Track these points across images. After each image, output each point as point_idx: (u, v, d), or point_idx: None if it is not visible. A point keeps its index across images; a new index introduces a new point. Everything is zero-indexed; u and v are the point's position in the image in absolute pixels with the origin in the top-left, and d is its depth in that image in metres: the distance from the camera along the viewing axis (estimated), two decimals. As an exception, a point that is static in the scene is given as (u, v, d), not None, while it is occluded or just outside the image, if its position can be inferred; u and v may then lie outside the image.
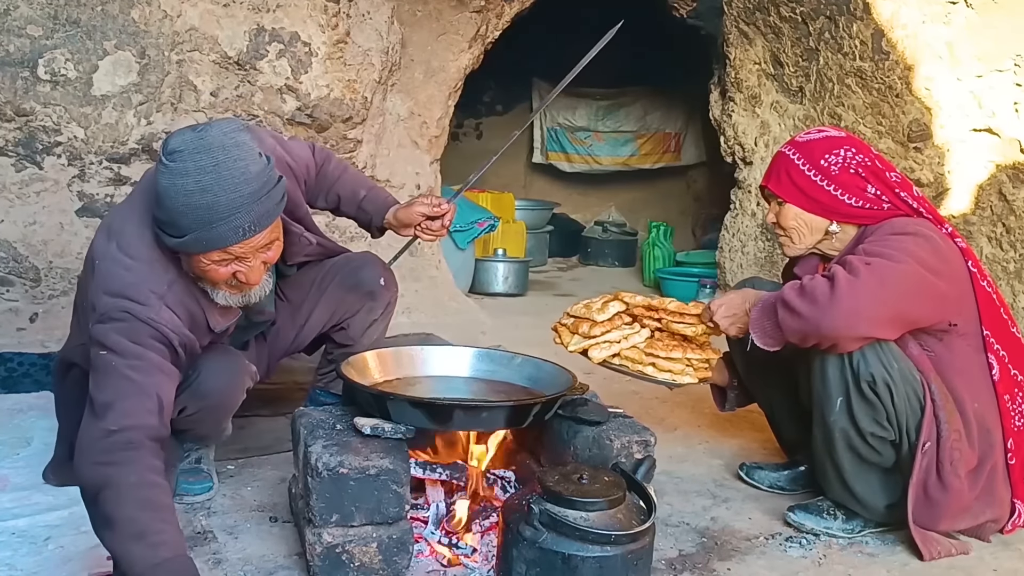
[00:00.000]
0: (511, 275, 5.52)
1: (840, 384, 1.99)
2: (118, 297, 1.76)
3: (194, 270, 1.82)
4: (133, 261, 1.80)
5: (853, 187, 2.12)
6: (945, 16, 3.67)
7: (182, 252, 1.78)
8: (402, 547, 1.73)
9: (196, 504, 2.11)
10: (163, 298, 1.80)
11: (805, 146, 2.19)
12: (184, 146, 1.69)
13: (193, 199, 1.66)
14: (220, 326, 1.96)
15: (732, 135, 4.93)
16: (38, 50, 3.12)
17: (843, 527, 2.12)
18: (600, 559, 1.58)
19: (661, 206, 8.22)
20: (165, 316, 1.79)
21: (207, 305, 1.91)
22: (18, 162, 3.19)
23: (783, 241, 2.28)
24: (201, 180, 1.66)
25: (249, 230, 1.73)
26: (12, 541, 1.82)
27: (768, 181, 2.25)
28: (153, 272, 1.81)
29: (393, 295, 2.48)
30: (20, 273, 3.20)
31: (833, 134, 2.22)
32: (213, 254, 1.74)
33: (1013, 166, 3.53)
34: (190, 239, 1.71)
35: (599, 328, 2.19)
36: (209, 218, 1.68)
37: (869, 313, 1.89)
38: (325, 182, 2.36)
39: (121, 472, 1.58)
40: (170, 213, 1.70)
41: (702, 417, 3.03)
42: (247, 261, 1.79)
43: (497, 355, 2.25)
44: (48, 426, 2.44)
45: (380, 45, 4.00)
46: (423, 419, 1.82)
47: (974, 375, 2.05)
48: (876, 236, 2.05)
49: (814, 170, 2.15)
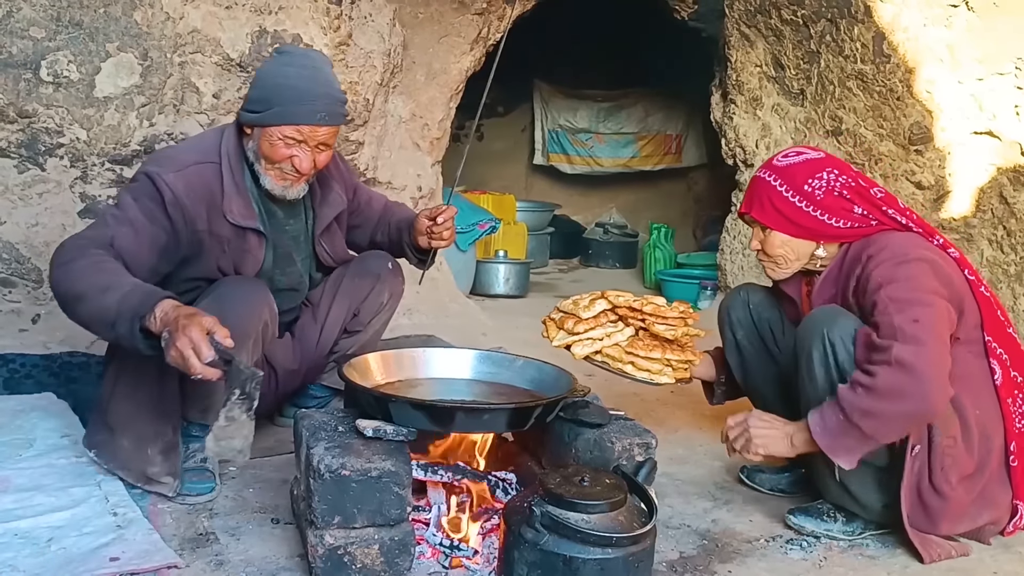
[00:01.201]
0: (512, 277, 5.53)
1: (827, 384, 2.00)
2: (151, 162, 2.16)
3: (261, 147, 2.16)
4: (182, 144, 2.31)
5: (839, 209, 2.09)
6: (946, 19, 3.68)
7: (261, 125, 2.13)
8: (404, 549, 1.73)
9: (198, 506, 2.11)
10: (182, 168, 2.12)
11: (785, 171, 2.15)
12: (293, 49, 2.26)
13: (289, 81, 2.10)
14: (234, 217, 2.18)
15: (733, 137, 4.94)
16: (41, 52, 3.13)
17: (843, 529, 2.12)
18: (601, 561, 1.58)
19: (662, 208, 8.23)
20: (171, 179, 2.08)
21: (228, 192, 2.17)
22: (20, 164, 3.20)
23: (768, 266, 2.25)
24: (300, 72, 2.12)
25: (321, 120, 2.13)
26: (14, 542, 1.82)
27: (751, 209, 2.21)
28: (191, 152, 2.20)
29: (399, 285, 2.60)
30: (22, 274, 3.21)
31: (812, 156, 2.18)
32: (286, 129, 2.11)
33: (1014, 169, 3.54)
34: (276, 111, 2.10)
35: (583, 325, 2.26)
36: (296, 97, 2.10)
37: (945, 373, 1.87)
38: (385, 218, 2.65)
39: (76, 262, 1.88)
40: (265, 90, 2.12)
41: (703, 419, 3.03)
42: (305, 148, 2.15)
43: (499, 357, 2.25)
44: (50, 427, 2.45)
45: (382, 47, 4.00)
46: (425, 421, 1.83)
47: (976, 381, 2.03)
48: (883, 269, 1.99)
49: (798, 196, 2.11)
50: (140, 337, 1.77)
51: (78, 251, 1.91)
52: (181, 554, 1.84)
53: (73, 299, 1.86)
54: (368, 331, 2.58)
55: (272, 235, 2.31)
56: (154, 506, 2.08)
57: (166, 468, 2.09)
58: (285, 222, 2.37)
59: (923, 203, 3.87)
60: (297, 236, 2.42)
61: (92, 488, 2.08)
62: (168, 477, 2.09)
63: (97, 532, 1.87)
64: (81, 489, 2.07)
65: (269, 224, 2.30)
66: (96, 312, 1.81)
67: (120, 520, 1.93)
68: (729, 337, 2.46)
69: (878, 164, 4.02)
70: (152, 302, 1.76)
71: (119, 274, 1.88)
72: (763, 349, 2.43)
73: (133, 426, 2.11)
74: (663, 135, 8.43)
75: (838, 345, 1.98)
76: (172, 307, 1.76)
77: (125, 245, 1.98)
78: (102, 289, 1.82)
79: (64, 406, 2.64)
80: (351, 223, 2.65)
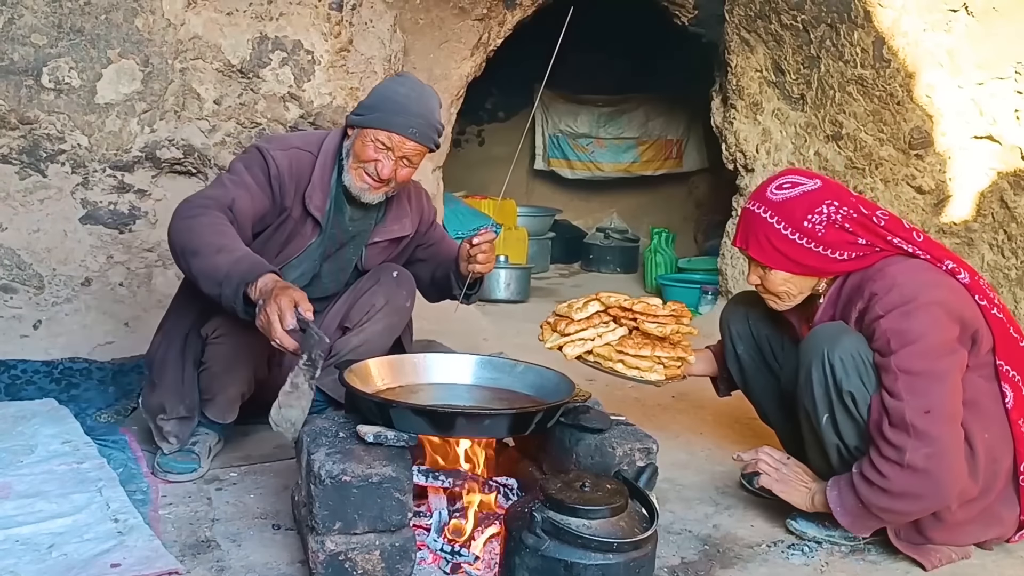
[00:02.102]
0: (513, 282, 5.53)
1: (825, 400, 1.99)
2: (260, 140, 2.46)
3: (354, 145, 2.38)
4: (294, 134, 2.62)
5: (842, 243, 2.01)
6: (946, 24, 3.69)
7: (360, 127, 2.37)
8: (405, 555, 1.73)
9: (199, 513, 2.11)
10: (288, 149, 2.41)
11: (782, 207, 2.04)
12: (410, 76, 2.51)
13: (396, 96, 2.36)
14: (311, 204, 2.41)
15: (734, 142, 4.94)
16: (42, 58, 3.14)
17: (845, 535, 2.10)
18: (602, 567, 1.58)
19: (663, 212, 8.23)
20: (278, 156, 2.37)
21: (315, 182, 2.41)
22: (22, 170, 3.20)
23: (770, 300, 2.18)
24: (408, 92, 2.38)
25: (412, 135, 2.34)
26: (15, 548, 1.82)
27: (747, 247, 2.11)
28: (297, 139, 2.49)
29: (400, 297, 2.59)
30: (24, 280, 3.21)
31: (809, 187, 2.05)
32: (379, 134, 2.33)
33: (1014, 173, 3.53)
34: (377, 116, 2.34)
35: (575, 326, 2.29)
36: (396, 109, 2.33)
37: (960, 466, 1.87)
38: (449, 256, 2.69)
39: (197, 220, 2.12)
40: (376, 99, 2.38)
41: (704, 424, 3.03)
42: (391, 156, 2.35)
43: (499, 363, 2.25)
44: (51, 433, 2.45)
45: (383, 53, 4.01)
46: (426, 427, 1.83)
47: (985, 405, 1.98)
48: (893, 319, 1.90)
49: (798, 233, 2.02)
50: (241, 302, 1.98)
51: (201, 209, 2.15)
52: (182, 560, 1.83)
53: (189, 252, 2.07)
54: (360, 334, 2.55)
55: (332, 229, 2.49)
56: (155, 512, 2.08)
57: (175, 430, 2.35)
58: (351, 222, 2.53)
59: (923, 207, 3.87)
60: (356, 236, 2.57)
61: (93, 494, 2.08)
62: (174, 438, 2.34)
63: (98, 538, 1.87)
64: (82, 495, 2.07)
65: (334, 217, 2.49)
66: (207, 269, 2.03)
67: (121, 526, 1.93)
68: (729, 348, 2.46)
69: (878, 169, 4.02)
70: (258, 272, 1.97)
71: (233, 239, 2.11)
72: (763, 363, 2.42)
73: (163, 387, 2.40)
74: (664, 140, 8.43)
75: (837, 367, 1.94)
76: (272, 280, 1.96)
77: (242, 207, 2.25)
78: (217, 249, 2.04)
79: (65, 412, 2.65)
80: (418, 256, 2.77)
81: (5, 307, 3.19)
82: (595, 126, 8.46)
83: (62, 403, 2.74)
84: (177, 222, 2.14)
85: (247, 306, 1.98)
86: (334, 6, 3.72)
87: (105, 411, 2.75)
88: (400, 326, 2.64)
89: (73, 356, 3.11)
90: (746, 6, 4.68)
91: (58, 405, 2.72)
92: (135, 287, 3.39)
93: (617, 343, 2.28)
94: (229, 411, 2.42)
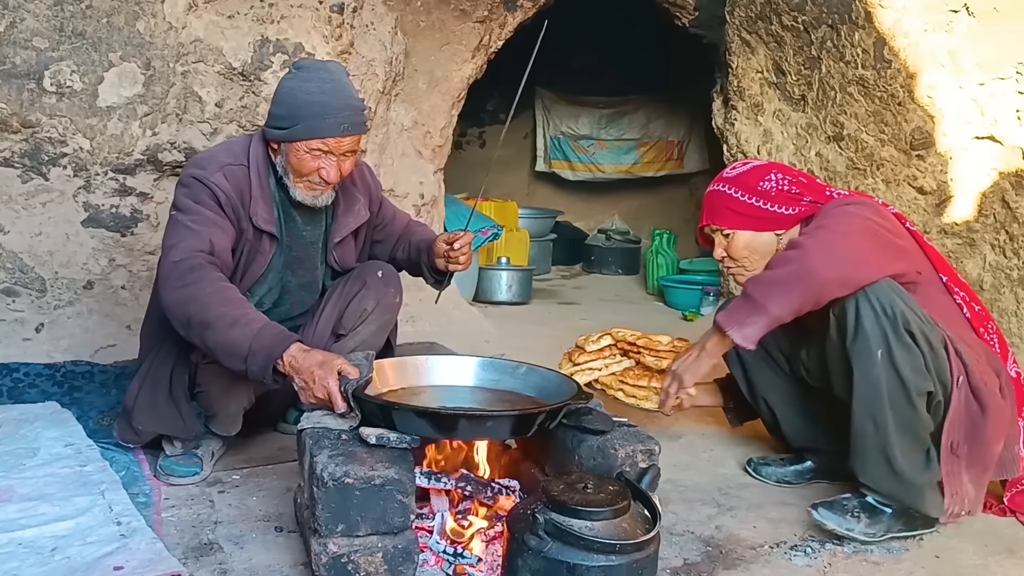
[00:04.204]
0: (515, 283, 5.53)
1: (879, 335, 2.01)
2: (191, 166, 2.29)
3: (289, 161, 2.27)
4: (212, 148, 2.44)
5: (791, 200, 2.26)
6: (947, 24, 3.68)
7: (288, 141, 2.24)
8: (407, 557, 1.73)
9: (201, 516, 2.11)
10: (222, 168, 2.27)
11: (737, 179, 2.31)
12: (312, 64, 2.31)
13: (312, 96, 2.21)
14: (258, 220, 2.31)
15: (735, 143, 4.94)
16: (44, 62, 3.14)
17: (865, 531, 2.09)
18: (605, 568, 1.58)
19: (664, 214, 8.23)
20: (219, 180, 2.24)
21: (255, 196, 2.31)
22: (24, 173, 3.21)
23: (736, 272, 2.36)
24: (321, 86, 2.22)
25: (346, 130, 2.23)
26: (18, 552, 1.82)
27: (712, 219, 2.35)
28: (223, 154, 2.34)
29: (390, 296, 2.58)
30: (26, 284, 3.22)
31: (758, 163, 2.39)
32: (314, 143, 2.22)
33: (1016, 173, 3.53)
34: (303, 127, 2.21)
35: (585, 356, 2.63)
36: (322, 112, 2.20)
37: (838, 250, 2.02)
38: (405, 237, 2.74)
39: (198, 287, 2.04)
40: (290, 107, 2.22)
41: (706, 426, 3.03)
42: (332, 158, 2.25)
43: (501, 364, 2.25)
44: (54, 436, 2.46)
45: (384, 56, 4.02)
46: (428, 429, 1.83)
47: (953, 316, 2.18)
48: (816, 218, 2.19)
49: (753, 196, 2.28)
50: (270, 375, 1.97)
51: (194, 273, 2.07)
52: (185, 563, 1.84)
53: (199, 325, 2.01)
54: (354, 338, 2.55)
55: (288, 239, 2.43)
56: (158, 515, 2.08)
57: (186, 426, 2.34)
58: (303, 228, 2.46)
59: (925, 208, 3.87)
60: (315, 241, 2.51)
61: (96, 497, 2.08)
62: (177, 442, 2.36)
63: (101, 541, 1.87)
64: (85, 498, 2.08)
65: (286, 228, 2.42)
66: (225, 344, 1.99)
67: (124, 529, 1.93)
68: (732, 353, 2.47)
69: (880, 169, 4.02)
70: (283, 347, 1.95)
71: (242, 305, 2.06)
72: (766, 357, 2.46)
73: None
74: (665, 141, 8.44)
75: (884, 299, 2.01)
76: (300, 352, 1.95)
77: (222, 246, 2.20)
78: (231, 323, 1.99)
79: (68, 415, 2.65)
80: (374, 237, 2.73)
81: (7, 310, 3.19)
82: (596, 128, 8.46)
83: (64, 406, 2.74)
84: (174, 292, 2.06)
85: (275, 375, 1.98)
86: (335, 9, 3.72)
87: (107, 414, 2.75)
88: (392, 321, 2.66)
89: (75, 359, 3.11)
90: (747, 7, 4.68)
91: (60, 408, 2.72)
92: (137, 290, 3.39)
93: (620, 374, 2.58)
94: (233, 425, 2.41)
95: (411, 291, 3.94)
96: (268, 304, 2.46)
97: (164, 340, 2.30)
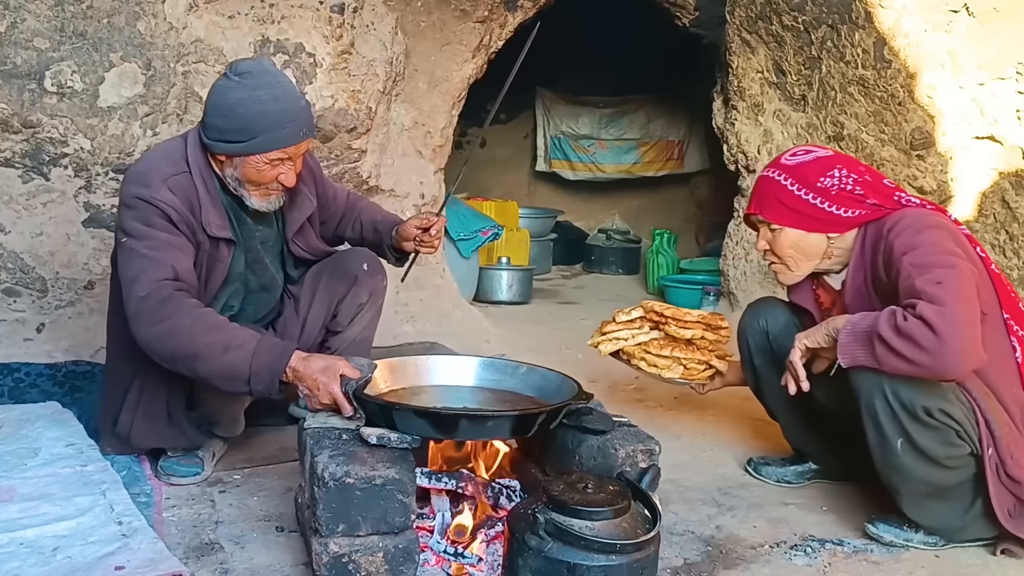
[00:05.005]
0: (515, 283, 5.53)
1: (895, 426, 1.97)
2: (131, 184, 2.14)
3: (244, 173, 2.17)
4: (148, 158, 2.26)
5: (852, 202, 2.10)
6: (947, 24, 3.69)
7: (243, 155, 2.14)
8: (408, 556, 1.73)
9: (202, 516, 2.11)
10: (166, 181, 2.13)
11: (796, 169, 2.15)
12: (252, 68, 2.15)
13: (267, 107, 2.10)
14: (212, 229, 2.21)
15: (735, 143, 4.95)
16: (45, 62, 3.14)
17: (925, 540, 2.10)
18: (605, 568, 1.58)
19: (665, 214, 8.24)
20: (166, 196, 2.12)
21: (205, 204, 2.20)
22: (25, 173, 3.21)
23: (778, 270, 2.25)
24: (272, 93, 2.12)
25: (304, 134, 2.17)
26: (20, 551, 1.82)
27: (760, 209, 2.20)
28: (163, 163, 2.18)
29: (378, 283, 2.61)
30: (27, 284, 3.22)
31: (822, 154, 2.18)
32: (273, 153, 2.14)
33: (1016, 173, 3.54)
34: (261, 140, 2.11)
35: (613, 326, 2.56)
36: (280, 121, 2.11)
37: (971, 339, 1.84)
38: (353, 212, 2.71)
39: (174, 320, 1.97)
40: (243, 120, 2.10)
41: (706, 425, 3.03)
42: (290, 163, 2.19)
43: (502, 364, 2.25)
44: (55, 436, 2.46)
45: (384, 56, 4.02)
46: (429, 429, 1.83)
47: (1005, 361, 2.03)
48: (904, 238, 1.99)
49: (811, 193, 2.12)
50: (276, 390, 1.98)
51: (167, 307, 1.99)
52: (186, 563, 1.84)
53: (187, 358, 1.98)
54: (352, 329, 2.59)
55: (243, 241, 2.36)
56: (159, 515, 2.08)
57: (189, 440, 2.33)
58: (255, 228, 2.40)
59: (925, 208, 3.87)
60: (267, 240, 2.45)
61: (97, 497, 2.08)
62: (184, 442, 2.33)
63: (102, 541, 1.87)
64: (86, 498, 2.08)
65: (240, 231, 2.35)
66: (221, 370, 1.97)
67: (125, 529, 1.93)
68: (747, 358, 2.48)
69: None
70: (285, 360, 1.96)
71: (226, 327, 2.02)
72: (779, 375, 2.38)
73: None
74: (665, 141, 8.44)
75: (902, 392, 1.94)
76: (301, 361, 1.96)
77: (184, 268, 2.10)
78: (222, 348, 1.96)
79: (69, 415, 2.65)
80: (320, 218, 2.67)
81: (8, 310, 3.19)
82: (596, 127, 8.46)
83: (66, 406, 2.74)
84: (149, 329, 1.99)
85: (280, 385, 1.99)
86: (335, 9, 3.72)
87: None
88: (382, 306, 2.68)
89: (76, 359, 3.11)
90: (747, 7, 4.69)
91: (62, 408, 2.72)
92: (138, 290, 3.39)
93: (645, 344, 2.52)
94: (236, 427, 2.43)
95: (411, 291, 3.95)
96: (236, 307, 2.42)
97: (149, 368, 2.15)
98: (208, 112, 2.16)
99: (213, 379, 2.00)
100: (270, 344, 2.00)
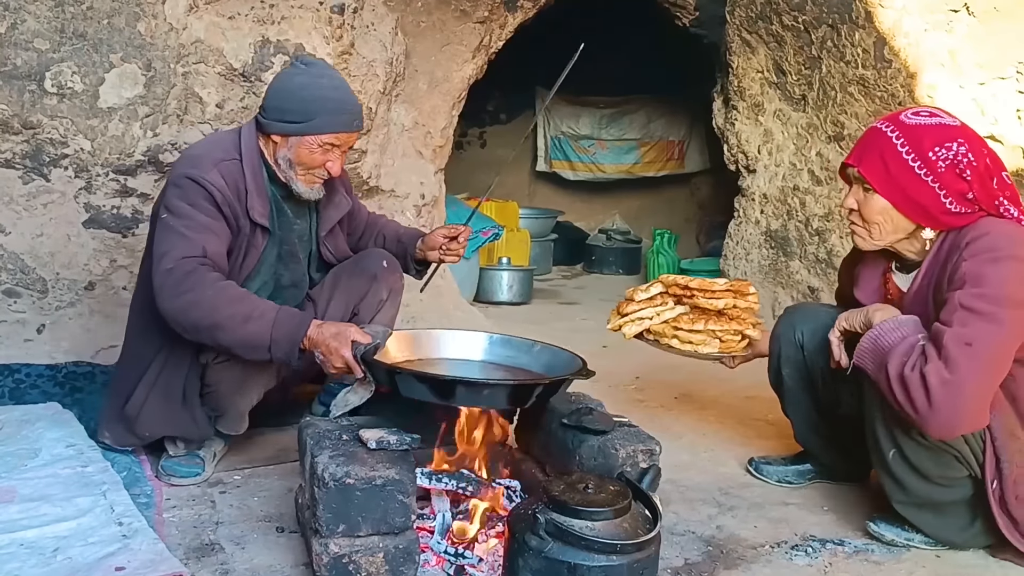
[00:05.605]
0: (515, 284, 5.53)
1: (888, 437, 1.97)
2: (183, 164, 2.27)
3: (297, 154, 2.29)
4: (202, 144, 2.43)
5: (955, 189, 1.90)
6: (947, 24, 3.69)
7: (301, 135, 2.26)
8: (408, 557, 1.73)
9: (203, 516, 2.11)
10: (217, 165, 2.24)
11: (912, 130, 1.92)
12: (317, 62, 2.38)
13: (328, 93, 2.26)
14: (255, 215, 2.30)
15: (735, 143, 4.94)
16: (45, 63, 3.14)
17: (926, 539, 2.09)
18: (606, 568, 1.58)
19: (665, 214, 8.23)
20: (214, 178, 2.22)
21: (251, 191, 2.29)
22: (25, 174, 3.21)
23: (858, 231, 2.06)
24: (332, 83, 2.29)
25: (356, 125, 2.32)
26: (20, 552, 1.82)
27: (860, 162, 1.99)
28: (215, 149, 2.31)
29: (397, 281, 2.67)
30: (27, 285, 3.22)
31: (947, 120, 1.95)
32: (327, 137, 2.26)
33: (1016, 173, 3.53)
34: (320, 121, 2.24)
35: (633, 306, 2.39)
36: (338, 108, 2.26)
37: (970, 410, 1.77)
38: (375, 227, 2.84)
39: (197, 292, 2.06)
40: (305, 102, 2.24)
41: (707, 425, 3.03)
42: (339, 152, 2.32)
43: (516, 341, 2.32)
44: (56, 437, 2.46)
45: (384, 56, 4.01)
46: (428, 393, 1.90)
47: None
48: (974, 264, 1.84)
49: (919, 161, 1.90)
50: (296, 358, 2.09)
51: (191, 279, 2.07)
52: (186, 563, 1.84)
53: (210, 329, 2.07)
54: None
55: (280, 233, 2.43)
56: (159, 516, 2.08)
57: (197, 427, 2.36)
58: (293, 221, 2.47)
59: (926, 208, 3.87)
60: (303, 235, 2.53)
61: (98, 498, 2.08)
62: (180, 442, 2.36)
63: (103, 542, 1.87)
64: (87, 499, 2.08)
65: (278, 222, 2.42)
66: (242, 340, 2.06)
67: (126, 530, 1.93)
68: (775, 365, 2.41)
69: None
70: (303, 330, 2.06)
71: (247, 299, 2.11)
72: (807, 390, 2.38)
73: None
74: (665, 141, 8.44)
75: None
76: (316, 329, 2.07)
77: (215, 250, 2.18)
78: (243, 319, 2.05)
79: (69, 416, 2.65)
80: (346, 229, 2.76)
81: (9, 311, 3.19)
82: (597, 128, 8.46)
83: (66, 407, 2.74)
84: (172, 301, 2.07)
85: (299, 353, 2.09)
86: (336, 9, 3.72)
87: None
88: (400, 301, 2.73)
89: (77, 360, 3.11)
90: (747, 7, 4.69)
91: (62, 409, 2.72)
92: (138, 291, 3.39)
93: (674, 320, 2.35)
94: (240, 423, 2.43)
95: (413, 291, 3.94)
96: None
97: (173, 345, 2.26)
98: (270, 96, 2.30)
99: (235, 348, 2.09)
100: (289, 314, 2.09)
